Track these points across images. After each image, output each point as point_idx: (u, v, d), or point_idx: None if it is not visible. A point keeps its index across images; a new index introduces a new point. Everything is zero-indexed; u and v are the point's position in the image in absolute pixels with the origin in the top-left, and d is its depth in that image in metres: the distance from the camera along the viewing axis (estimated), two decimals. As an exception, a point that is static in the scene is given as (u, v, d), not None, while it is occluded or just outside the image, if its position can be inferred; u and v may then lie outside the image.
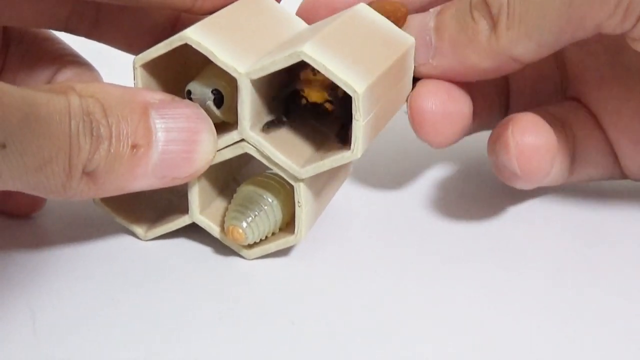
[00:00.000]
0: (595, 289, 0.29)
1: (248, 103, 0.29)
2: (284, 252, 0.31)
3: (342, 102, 0.29)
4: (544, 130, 0.30)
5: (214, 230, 0.31)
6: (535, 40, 0.30)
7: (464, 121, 0.32)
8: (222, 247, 0.31)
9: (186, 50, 0.29)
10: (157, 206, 0.33)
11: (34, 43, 0.33)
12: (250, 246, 0.31)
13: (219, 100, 0.30)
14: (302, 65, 0.29)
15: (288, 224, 0.31)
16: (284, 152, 0.29)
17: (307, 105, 0.29)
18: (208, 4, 0.31)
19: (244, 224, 0.30)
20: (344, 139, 0.29)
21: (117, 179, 0.28)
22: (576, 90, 0.34)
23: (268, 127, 0.29)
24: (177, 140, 0.28)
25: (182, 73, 0.32)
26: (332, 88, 0.29)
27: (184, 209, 0.31)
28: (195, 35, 0.28)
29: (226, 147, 0.30)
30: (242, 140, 0.29)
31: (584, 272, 0.30)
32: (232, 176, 0.33)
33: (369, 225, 0.33)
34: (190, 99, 0.30)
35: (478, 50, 0.30)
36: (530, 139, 0.30)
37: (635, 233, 0.32)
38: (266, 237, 0.31)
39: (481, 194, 0.34)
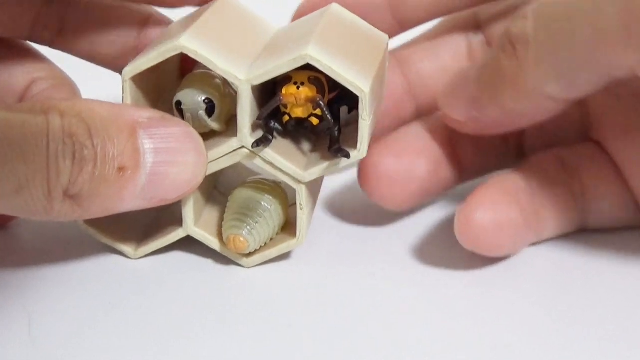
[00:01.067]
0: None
1: (248, 110, 0.28)
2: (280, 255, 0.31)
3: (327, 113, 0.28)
4: (499, 207, 0.29)
5: (211, 241, 0.30)
6: (567, 78, 0.28)
7: (419, 182, 0.31)
8: (215, 256, 0.31)
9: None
10: (142, 222, 0.32)
11: (6, 55, 0.32)
12: (249, 254, 0.30)
13: (210, 109, 0.29)
14: (282, 80, 0.28)
15: (282, 229, 0.31)
16: (285, 156, 0.29)
17: (291, 121, 0.29)
18: None
19: (245, 232, 0.30)
20: (337, 150, 0.28)
21: (104, 202, 0.27)
22: (598, 133, 0.32)
23: (257, 145, 0.28)
24: (166, 162, 0.28)
25: (158, 83, 0.31)
26: (317, 100, 0.28)
27: (171, 222, 0.31)
28: (191, 44, 0.28)
29: (224, 155, 0.29)
30: (242, 147, 0.29)
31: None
32: (213, 185, 0.33)
33: (368, 227, 0.33)
34: (181, 109, 0.29)
35: (512, 92, 0.29)
36: (479, 215, 0.29)
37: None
38: (265, 243, 0.30)
39: None
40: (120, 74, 0.34)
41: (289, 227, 0.31)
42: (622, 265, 0.31)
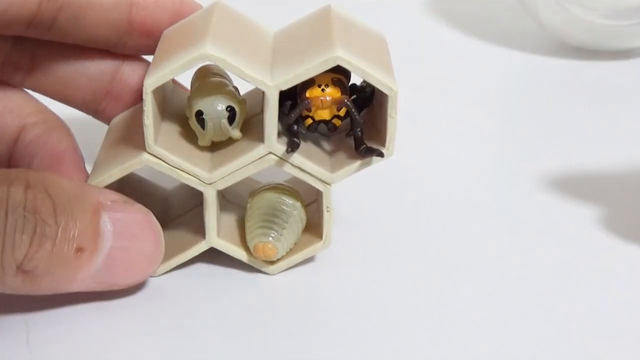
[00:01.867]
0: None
1: (275, 115, 0.28)
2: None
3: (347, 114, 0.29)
4: None
5: (235, 251, 0.30)
6: None
7: None
8: (234, 264, 0.30)
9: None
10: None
11: None
12: (274, 261, 0.30)
13: (232, 117, 0.29)
14: (303, 84, 0.28)
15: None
16: (311, 159, 0.29)
17: (314, 124, 0.29)
18: (132, 42, 0.31)
19: (274, 239, 0.29)
20: (368, 150, 0.28)
21: (56, 280, 0.27)
22: None
23: (292, 150, 0.28)
24: (124, 248, 0.27)
25: (162, 92, 0.30)
26: (345, 101, 0.28)
27: (187, 236, 0.30)
28: (218, 52, 0.27)
29: (250, 163, 0.29)
30: (269, 153, 0.29)
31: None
32: (221, 194, 0.32)
33: (388, 227, 0.33)
34: (202, 119, 0.29)
35: None
36: None
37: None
38: (290, 248, 0.30)
39: (492, 199, 0.35)
40: (94, 116, 0.33)
41: (307, 229, 0.31)
42: None
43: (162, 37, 0.31)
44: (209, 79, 0.30)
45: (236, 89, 0.30)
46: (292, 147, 0.28)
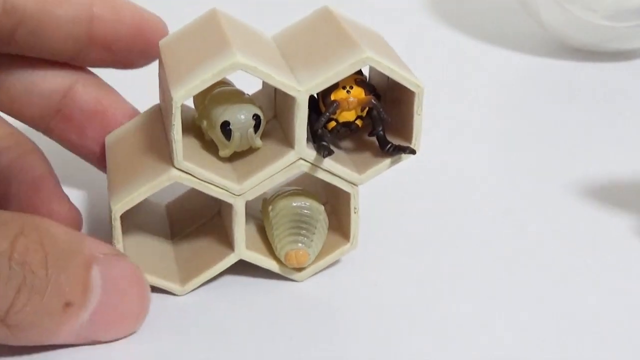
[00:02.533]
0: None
1: (305, 121, 0.28)
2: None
3: (368, 115, 0.29)
4: None
5: (264, 261, 0.29)
6: None
7: None
8: (255, 272, 0.30)
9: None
10: (167, 255, 0.30)
11: None
12: (302, 267, 0.30)
13: (257, 125, 0.28)
14: (329, 88, 0.28)
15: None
16: (338, 162, 0.29)
17: (337, 127, 0.28)
18: (92, 55, 0.30)
19: (306, 245, 0.29)
20: (399, 149, 0.28)
21: (39, 334, 0.26)
22: None
23: (328, 154, 0.28)
24: (110, 304, 0.26)
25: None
26: (372, 101, 0.28)
27: (210, 249, 0.30)
28: (250, 61, 0.27)
29: (280, 171, 0.28)
30: (299, 159, 0.28)
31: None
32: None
33: (409, 229, 0.33)
34: (229, 130, 0.28)
35: None
36: None
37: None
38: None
39: (497, 200, 0.35)
40: (44, 134, 0.32)
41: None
42: None
43: (164, 48, 0.30)
44: (222, 89, 0.29)
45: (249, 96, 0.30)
46: (328, 152, 0.28)
